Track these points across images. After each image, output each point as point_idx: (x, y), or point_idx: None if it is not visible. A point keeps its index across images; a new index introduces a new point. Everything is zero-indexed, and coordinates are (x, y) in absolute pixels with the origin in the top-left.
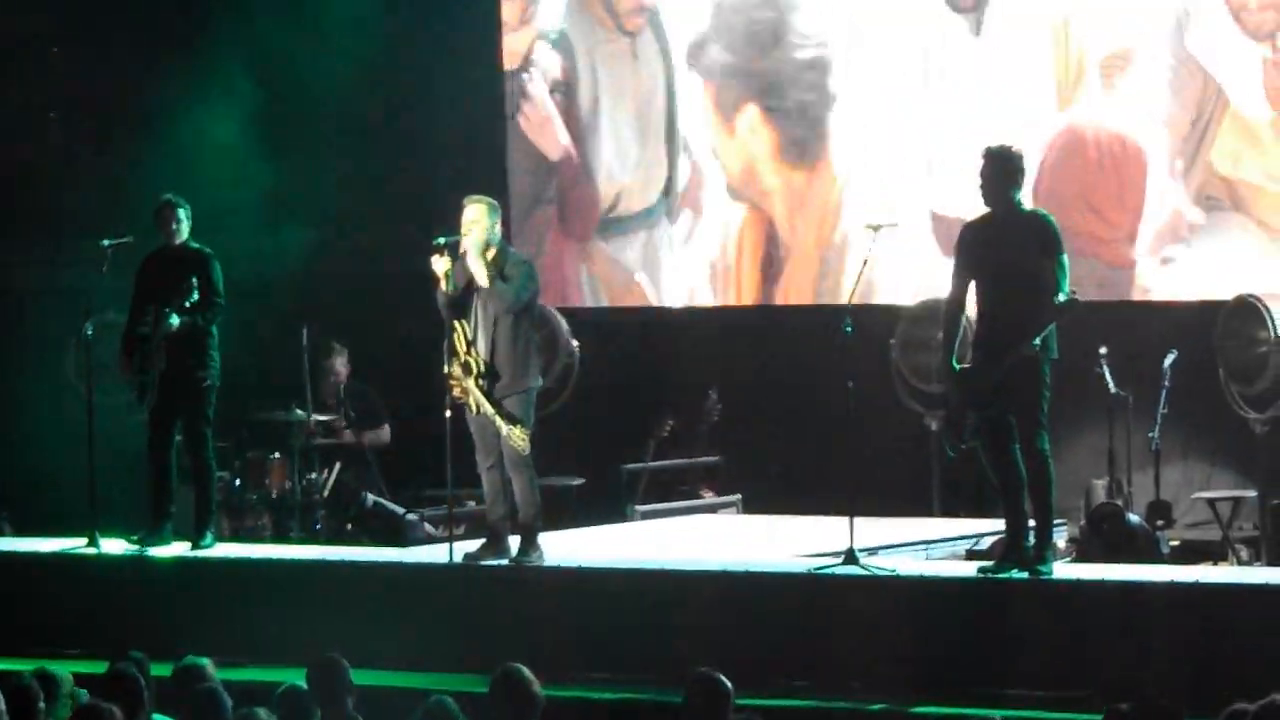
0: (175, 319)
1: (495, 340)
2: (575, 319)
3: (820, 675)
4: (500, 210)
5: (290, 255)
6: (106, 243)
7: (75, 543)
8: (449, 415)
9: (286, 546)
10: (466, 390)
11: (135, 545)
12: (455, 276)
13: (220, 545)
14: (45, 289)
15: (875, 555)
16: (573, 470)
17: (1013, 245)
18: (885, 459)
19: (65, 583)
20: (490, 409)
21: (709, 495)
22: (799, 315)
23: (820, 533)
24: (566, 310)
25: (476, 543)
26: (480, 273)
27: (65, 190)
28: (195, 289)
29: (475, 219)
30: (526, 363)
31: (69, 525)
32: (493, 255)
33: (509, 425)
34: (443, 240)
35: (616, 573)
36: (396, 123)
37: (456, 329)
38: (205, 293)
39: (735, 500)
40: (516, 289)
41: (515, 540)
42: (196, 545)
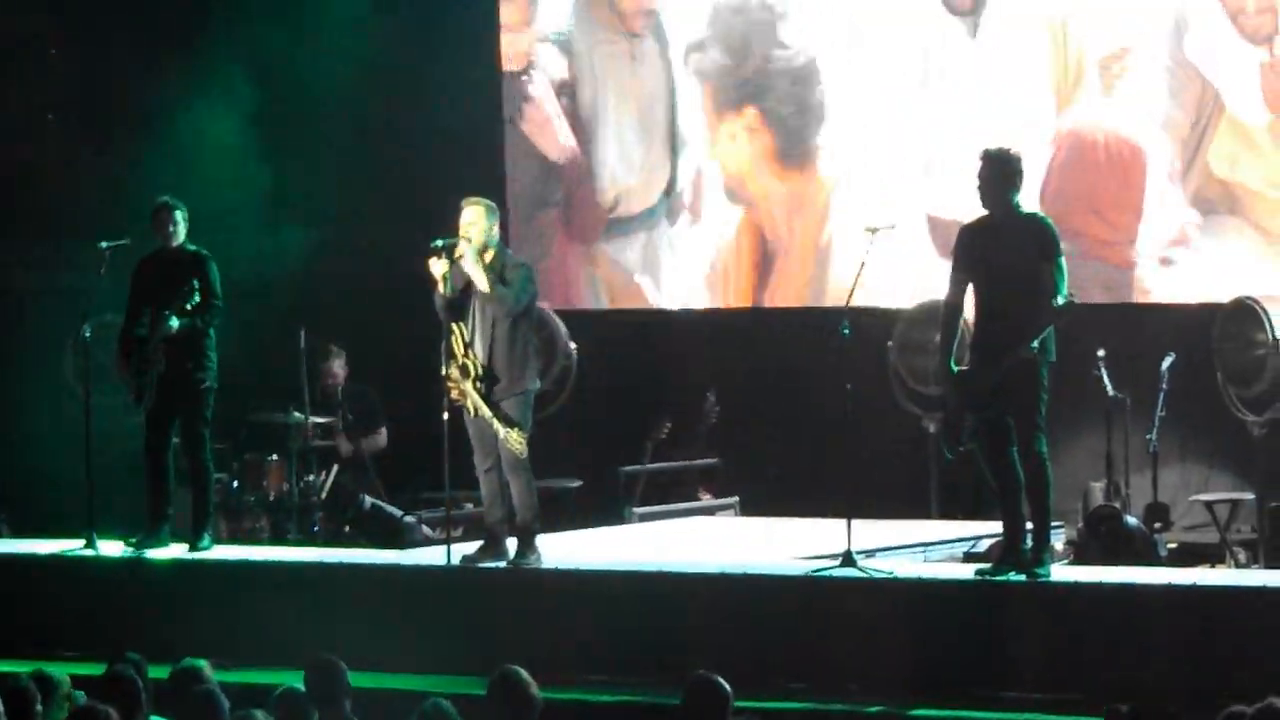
0: (174, 321)
1: (493, 343)
2: (573, 321)
3: (818, 677)
4: (498, 212)
5: (289, 256)
6: (104, 245)
7: (73, 544)
8: (446, 418)
9: (284, 548)
10: (464, 393)
11: (132, 547)
12: (453, 279)
13: (218, 547)
14: (44, 290)
15: (873, 557)
16: (571, 472)
17: (1011, 248)
18: (883, 461)
19: (63, 584)
20: (488, 412)
21: (707, 497)
22: (797, 317)
23: (818, 535)
24: (564, 312)
25: (474, 545)
26: (480, 278)
27: (64, 191)
28: (196, 291)
29: (473, 221)
30: (525, 365)
31: (67, 526)
32: (490, 258)
33: (506, 428)
34: (440, 243)
35: (615, 575)
36: (395, 123)
37: (454, 331)
38: (204, 295)
39: (733, 502)
40: (516, 293)
41: (513, 542)
42: (194, 547)
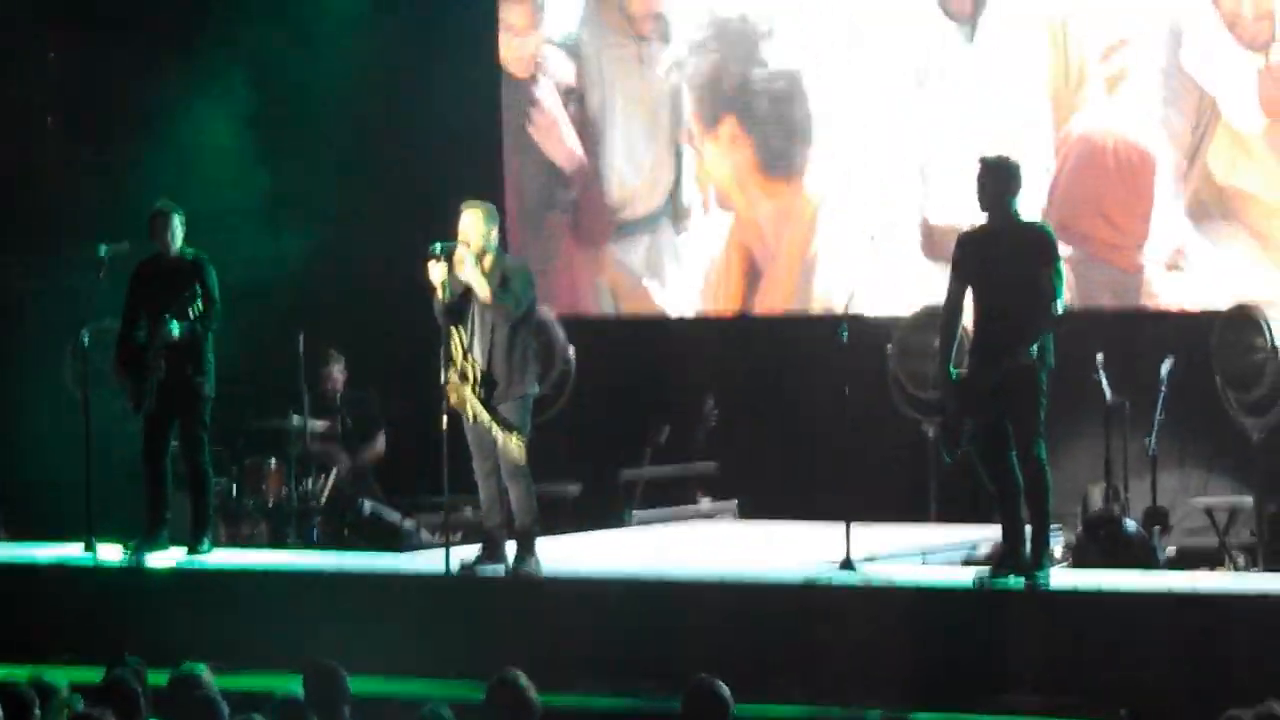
0: (177, 328)
1: (492, 347)
2: (571, 326)
3: (817, 682)
4: (497, 216)
5: (288, 259)
6: (103, 249)
7: (71, 549)
8: (445, 422)
9: (283, 553)
10: (463, 398)
11: (131, 552)
12: (452, 284)
13: (217, 552)
14: (43, 292)
15: (872, 562)
16: (570, 477)
17: (1010, 255)
18: (882, 466)
19: (61, 589)
20: (487, 417)
21: (706, 501)
22: (796, 323)
23: (817, 539)
24: (563, 317)
25: (473, 550)
26: (480, 286)
27: (63, 193)
28: (199, 297)
29: (472, 225)
30: (524, 369)
31: (65, 531)
32: (489, 262)
33: (505, 433)
34: (439, 248)
35: (614, 580)
36: (394, 126)
37: (453, 336)
38: (203, 300)
39: (732, 506)
40: (516, 298)
41: (512, 547)
42: (193, 551)
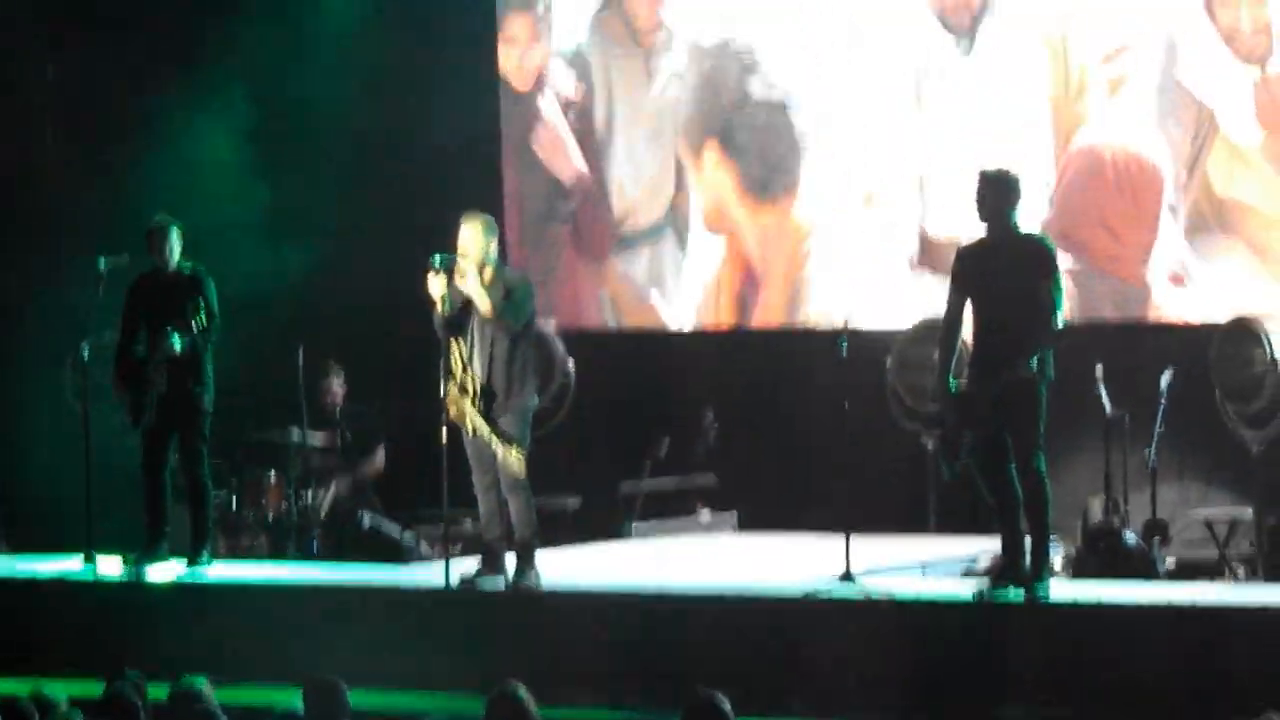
0: (179, 341)
1: (492, 360)
2: (571, 338)
3: (817, 695)
4: (496, 229)
5: (287, 273)
6: (102, 263)
7: (71, 562)
8: (445, 435)
9: (283, 566)
10: (463, 411)
11: (131, 564)
12: (452, 297)
13: (216, 565)
14: (42, 305)
15: (872, 575)
16: (569, 489)
17: (1009, 268)
18: (882, 478)
19: (61, 603)
20: (486, 430)
21: (706, 514)
22: (795, 336)
23: (817, 552)
24: (564, 330)
25: (473, 563)
26: (481, 299)
27: (63, 206)
28: (201, 310)
29: (471, 237)
30: (524, 381)
31: (65, 544)
32: (489, 275)
33: (505, 446)
34: (438, 260)
35: (614, 593)
36: (394, 138)
37: (453, 349)
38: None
39: (732, 519)
40: (516, 311)
41: (512, 560)
42: (193, 564)
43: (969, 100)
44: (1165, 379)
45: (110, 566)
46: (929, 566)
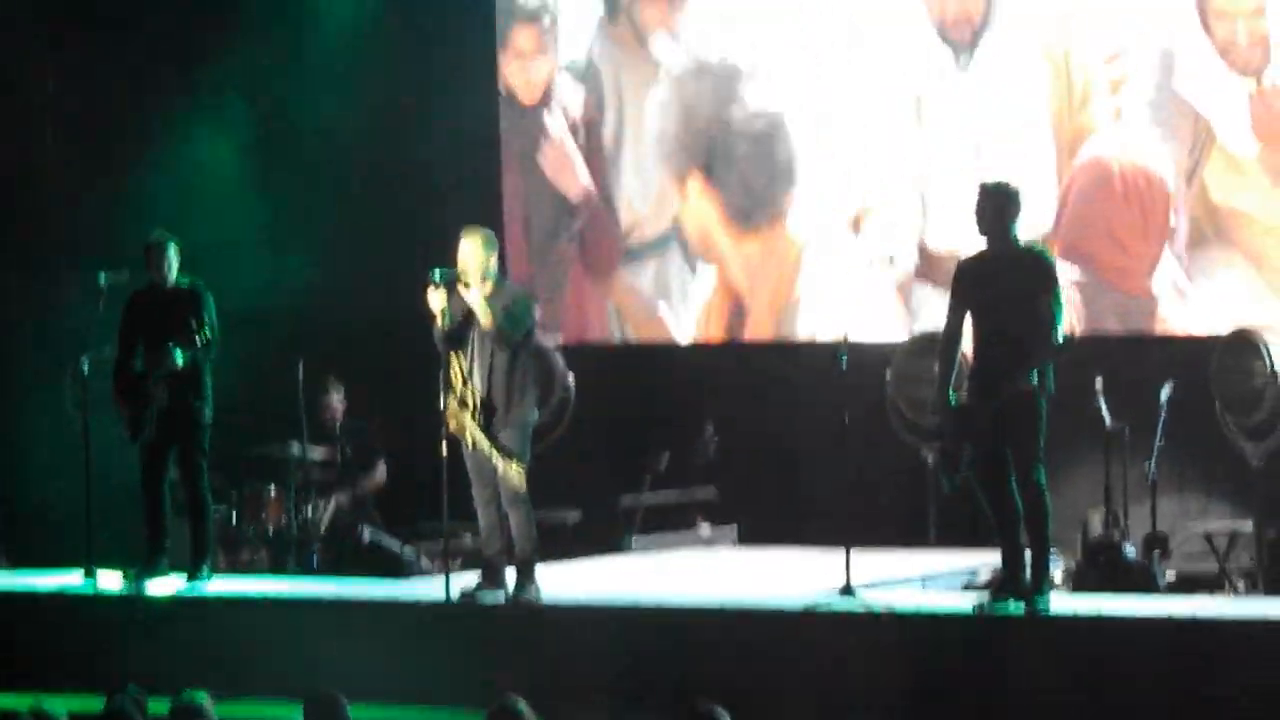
0: (181, 356)
1: (492, 373)
2: (571, 352)
3: (817, 708)
4: (496, 243)
5: (287, 287)
6: (103, 278)
7: (71, 576)
8: (445, 449)
9: (283, 581)
10: (463, 425)
11: (131, 579)
12: (452, 311)
13: (217, 579)
14: (42, 319)
15: (872, 588)
16: (569, 503)
17: (1009, 280)
18: (882, 491)
19: (61, 617)
20: (486, 445)
21: (706, 528)
22: (795, 349)
23: (817, 565)
24: (570, 344)
25: (473, 577)
26: (482, 313)
27: (62, 220)
28: (205, 325)
29: (471, 252)
30: (524, 395)
31: (65, 558)
32: (489, 289)
33: (505, 460)
34: (438, 275)
35: (614, 607)
36: (394, 154)
37: (453, 363)
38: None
39: (732, 532)
40: (516, 323)
41: (512, 574)
42: (193, 579)
43: (969, 114)
44: (1165, 391)
45: (110, 581)
46: (929, 579)
